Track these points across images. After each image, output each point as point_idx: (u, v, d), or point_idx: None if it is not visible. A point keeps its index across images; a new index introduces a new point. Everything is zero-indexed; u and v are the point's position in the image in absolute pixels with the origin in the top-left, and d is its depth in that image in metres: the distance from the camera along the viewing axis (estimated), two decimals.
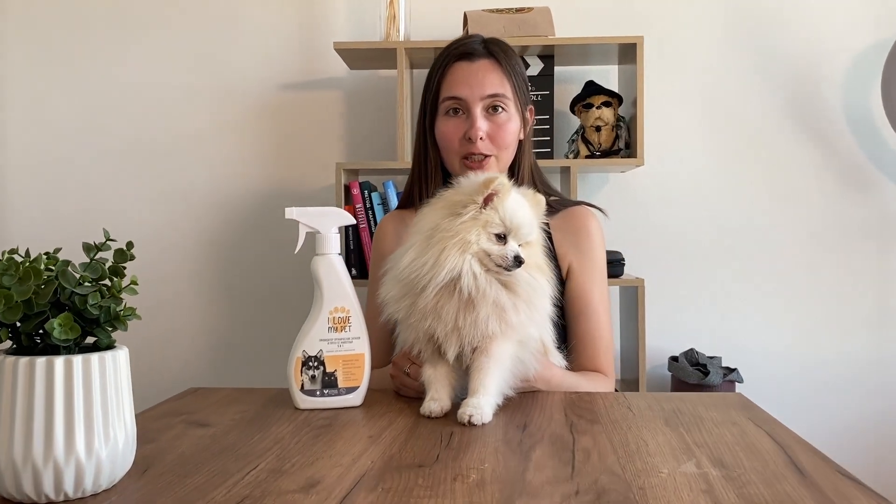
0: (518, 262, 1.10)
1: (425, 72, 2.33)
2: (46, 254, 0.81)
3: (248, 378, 2.46)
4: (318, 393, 1.13)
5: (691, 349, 2.35)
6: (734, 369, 2.27)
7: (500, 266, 1.10)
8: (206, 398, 1.21)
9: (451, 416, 1.07)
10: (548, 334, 1.25)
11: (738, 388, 2.29)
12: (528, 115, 1.50)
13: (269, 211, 2.48)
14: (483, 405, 1.05)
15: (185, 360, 2.50)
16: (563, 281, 1.47)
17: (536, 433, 0.99)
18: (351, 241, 2.16)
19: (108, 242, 0.79)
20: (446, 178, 1.47)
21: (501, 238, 1.11)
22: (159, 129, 2.50)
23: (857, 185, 2.40)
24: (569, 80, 2.39)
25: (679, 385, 2.30)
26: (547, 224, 1.48)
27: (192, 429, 1.02)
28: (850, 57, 2.39)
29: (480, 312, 1.09)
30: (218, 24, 2.49)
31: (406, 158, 2.17)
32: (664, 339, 2.41)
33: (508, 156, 1.47)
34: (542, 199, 1.23)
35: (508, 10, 2.21)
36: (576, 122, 2.28)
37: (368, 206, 2.16)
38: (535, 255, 1.18)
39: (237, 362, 2.49)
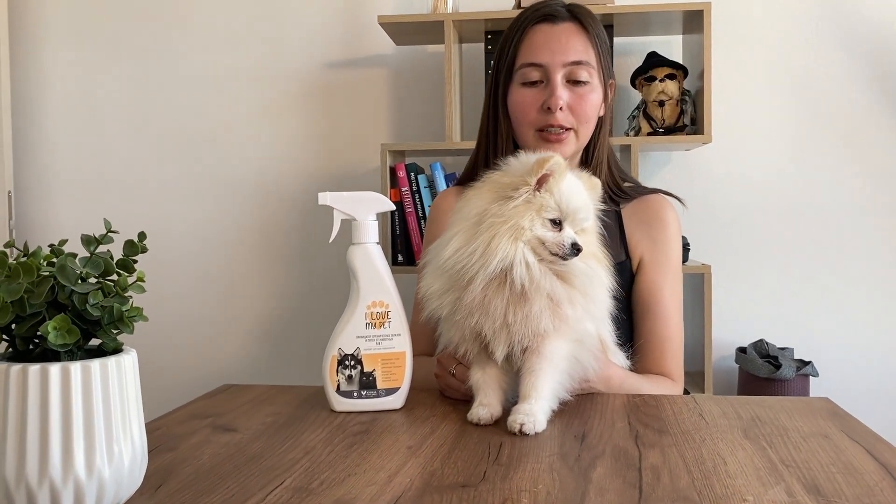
0: (576, 250, 0.98)
1: (474, 46, 2.24)
2: (51, 246, 0.73)
3: (293, 375, 2.40)
4: (355, 394, 1.03)
5: (761, 340, 2.20)
6: (808, 362, 2.11)
7: (555, 255, 0.98)
8: (239, 397, 1.13)
9: (500, 423, 0.97)
10: (606, 330, 1.13)
11: (813, 382, 2.12)
12: (608, 89, 1.37)
13: (316, 196, 2.40)
14: (536, 412, 0.94)
15: (234, 354, 2.45)
16: (633, 274, 1.35)
17: (597, 445, 0.88)
18: (397, 227, 2.06)
19: (109, 234, 0.70)
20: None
21: (556, 224, 1.00)
22: (201, 114, 2.44)
23: None
24: (629, 51, 2.24)
25: (747, 378, 2.15)
26: (614, 210, 1.36)
27: (218, 434, 0.94)
28: None
29: (533, 307, 0.98)
30: (260, 4, 2.41)
31: (455, 138, 2.06)
32: (731, 330, 2.26)
33: (588, 131, 1.34)
34: (597, 182, 1.11)
35: None
36: (637, 96, 2.13)
37: (415, 188, 2.06)
38: (592, 243, 1.06)
39: (285, 355, 2.43)
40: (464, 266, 0.98)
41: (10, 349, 0.69)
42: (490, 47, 2.09)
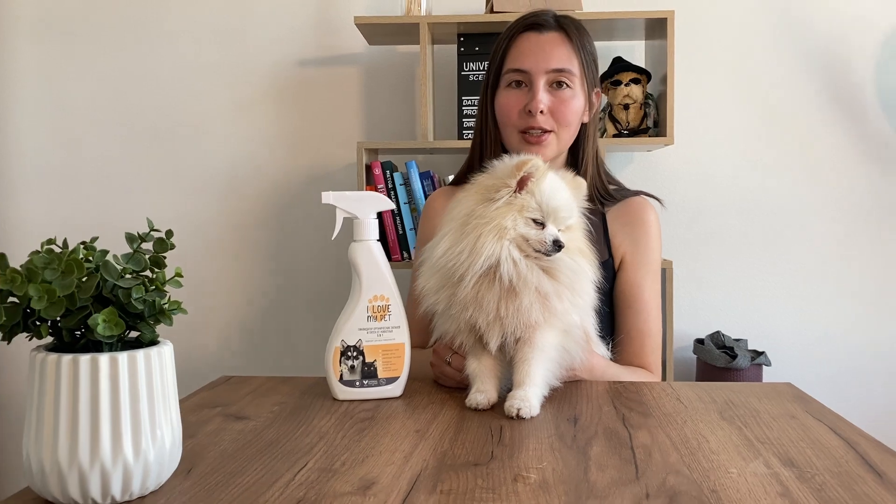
0: (558, 246, 1.05)
1: (446, 48, 2.31)
2: (83, 243, 0.77)
3: (273, 365, 2.43)
4: (357, 384, 1.09)
5: (717, 332, 2.31)
6: (762, 352, 2.23)
7: (538, 251, 1.05)
8: (240, 388, 1.18)
9: (496, 408, 1.04)
10: (590, 321, 1.21)
11: (766, 371, 2.25)
12: (594, 97, 1.44)
13: (290, 192, 2.44)
14: (530, 397, 1.01)
15: (208, 349, 2.46)
16: (615, 272, 1.43)
17: (589, 427, 0.96)
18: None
19: (152, 233, 0.74)
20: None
21: (539, 223, 1.07)
22: (174, 109, 2.44)
23: (889, 164, 2.34)
24: None
25: (705, 368, 2.26)
26: (600, 211, 1.43)
27: (231, 422, 0.99)
28: (882, 32, 2.32)
29: (523, 300, 1.05)
30: (234, 1, 2.42)
31: (429, 137, 2.12)
32: (689, 322, 2.38)
33: (569, 135, 1.41)
34: (582, 182, 1.18)
35: None
36: (603, 99, 2.22)
37: (391, 186, 2.11)
38: (577, 239, 1.13)
39: (260, 349, 2.46)
40: (454, 265, 1.05)
41: (55, 341, 0.73)
42: (463, 49, 2.16)
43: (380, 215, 1.31)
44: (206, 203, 2.45)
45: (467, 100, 2.15)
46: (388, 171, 2.11)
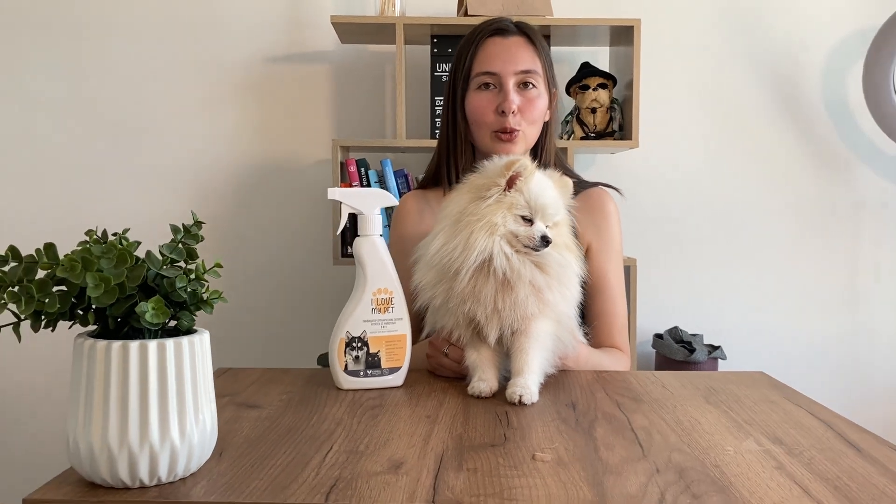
0: (545, 241, 1.12)
1: (418, 48, 2.35)
2: (116, 234, 0.79)
3: (247, 357, 2.43)
4: (361, 373, 1.13)
5: (675, 327, 2.42)
6: (718, 347, 2.34)
7: (527, 247, 1.11)
8: (241, 379, 1.20)
9: (497, 396, 1.09)
10: (575, 312, 1.27)
11: (721, 364, 2.37)
12: (552, 97, 1.51)
13: (260, 187, 2.44)
14: (530, 384, 1.07)
15: None
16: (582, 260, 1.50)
17: (588, 412, 1.02)
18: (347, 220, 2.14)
19: (197, 224, 0.77)
20: (475, 156, 1.49)
21: (528, 220, 1.13)
22: (139, 103, 2.43)
23: (832, 168, 2.49)
24: (560, 60, 2.40)
25: (664, 362, 2.36)
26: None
27: (244, 411, 1.02)
28: (830, 45, 2.47)
29: (519, 293, 1.11)
30: None
31: (404, 136, 2.16)
32: (649, 317, 2.48)
33: (535, 132, 1.48)
34: (568, 181, 1.25)
35: None
36: (570, 103, 2.30)
37: (365, 183, 2.15)
38: (564, 235, 1.20)
39: (233, 342, 2.46)
40: (449, 260, 1.11)
41: (98, 327, 0.76)
42: (436, 50, 2.21)
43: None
44: (174, 199, 2.44)
45: (439, 100, 2.20)
46: (362, 169, 2.15)
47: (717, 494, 0.72)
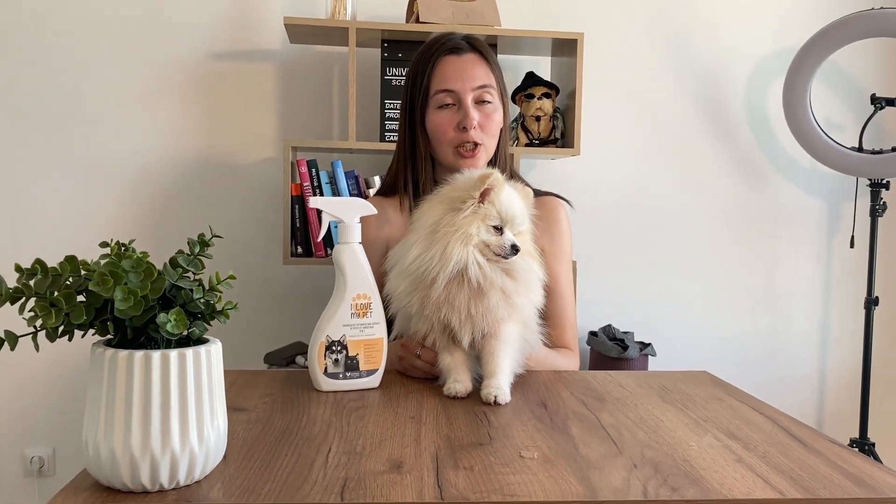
0: (515, 249, 1.20)
1: (367, 51, 2.39)
2: (123, 246, 0.81)
3: None
4: (340, 376, 1.18)
5: (608, 325, 2.55)
6: (648, 344, 2.48)
7: (498, 255, 1.19)
8: None
9: (472, 396, 1.16)
10: (536, 314, 1.36)
11: (651, 360, 2.51)
12: (506, 106, 1.59)
13: (201, 185, 2.43)
14: (503, 385, 1.15)
15: None
16: None
17: (559, 411, 1.10)
18: (297, 220, 2.17)
19: (214, 238, 0.80)
20: (434, 169, 1.55)
21: (498, 229, 1.21)
22: (77, 95, 2.37)
23: (754, 178, 2.67)
24: (504, 68, 2.48)
25: (598, 358, 2.49)
26: None
27: (232, 413, 1.04)
28: (751, 63, 2.64)
29: (491, 299, 1.18)
30: None
31: (355, 138, 2.19)
32: (584, 316, 2.59)
33: (493, 144, 1.55)
34: (530, 191, 1.33)
35: None
36: (515, 110, 2.38)
37: (316, 184, 2.17)
38: (527, 243, 1.28)
39: None
40: (426, 269, 1.17)
41: (115, 337, 0.78)
42: (386, 54, 2.25)
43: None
44: (114, 195, 2.39)
45: (390, 103, 2.24)
46: (313, 170, 2.17)
47: (693, 487, 0.81)
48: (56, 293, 0.71)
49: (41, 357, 2.35)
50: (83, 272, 0.75)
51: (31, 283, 0.71)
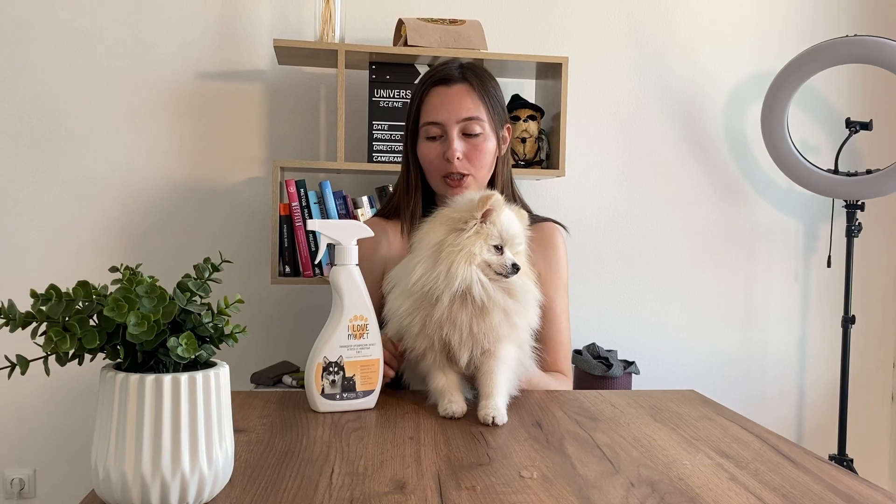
0: (515, 269, 1.23)
1: (356, 72, 2.41)
2: (130, 270, 0.83)
3: None
4: (337, 397, 1.19)
5: (593, 343, 2.58)
6: (632, 362, 2.51)
7: (499, 273, 1.22)
8: None
9: (468, 416, 1.18)
10: (530, 336, 1.38)
11: (635, 379, 2.54)
12: (505, 133, 1.61)
13: (186, 203, 2.43)
14: (499, 406, 1.17)
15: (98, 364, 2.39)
16: None
17: (554, 431, 1.12)
18: (286, 240, 2.18)
19: (224, 263, 0.82)
20: (427, 194, 1.59)
21: (499, 249, 1.23)
22: (61, 111, 2.36)
23: (732, 198, 2.72)
24: None
25: (582, 376, 2.51)
26: None
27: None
28: (729, 86, 2.70)
29: (493, 318, 1.21)
30: (134, 5, 2.39)
31: (343, 159, 2.21)
32: None
33: (485, 173, 1.58)
34: (524, 213, 1.37)
35: (442, 21, 2.30)
36: None
37: (304, 204, 2.19)
38: (524, 263, 1.30)
39: None
40: (431, 288, 1.20)
41: (121, 361, 0.79)
42: (374, 76, 2.27)
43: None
44: (93, 210, 2.38)
45: (377, 124, 2.27)
46: (301, 190, 2.19)
47: None
48: (69, 318, 0.72)
49: (21, 379, 2.33)
50: (94, 297, 0.76)
51: (45, 308, 0.72)
